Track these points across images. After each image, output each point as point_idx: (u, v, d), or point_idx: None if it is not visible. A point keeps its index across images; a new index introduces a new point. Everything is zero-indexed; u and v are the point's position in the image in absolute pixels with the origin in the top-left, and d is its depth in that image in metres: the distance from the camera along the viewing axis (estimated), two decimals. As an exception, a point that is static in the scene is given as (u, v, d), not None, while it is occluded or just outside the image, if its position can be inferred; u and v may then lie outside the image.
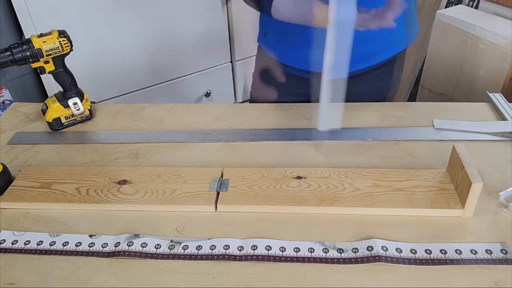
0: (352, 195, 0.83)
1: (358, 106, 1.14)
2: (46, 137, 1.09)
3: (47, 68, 1.05)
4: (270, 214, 0.82)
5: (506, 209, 0.81)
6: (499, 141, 0.99)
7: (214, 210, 0.84)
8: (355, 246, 0.74)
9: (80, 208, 0.85)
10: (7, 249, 0.77)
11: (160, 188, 0.87)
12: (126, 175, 0.91)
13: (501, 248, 0.72)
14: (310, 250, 0.74)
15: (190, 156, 1.00)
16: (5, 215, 0.85)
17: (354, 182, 0.86)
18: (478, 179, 0.75)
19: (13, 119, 1.17)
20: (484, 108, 1.12)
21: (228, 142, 1.03)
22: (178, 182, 0.89)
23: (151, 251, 0.75)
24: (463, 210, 0.78)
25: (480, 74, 1.66)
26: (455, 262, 0.70)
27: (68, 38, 1.04)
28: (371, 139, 1.02)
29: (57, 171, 0.94)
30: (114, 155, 1.02)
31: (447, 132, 1.03)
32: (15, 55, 0.99)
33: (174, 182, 0.89)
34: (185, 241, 0.77)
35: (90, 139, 1.07)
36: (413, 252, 0.72)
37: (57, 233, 0.80)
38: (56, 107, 1.08)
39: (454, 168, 0.83)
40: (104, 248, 0.76)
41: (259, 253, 0.74)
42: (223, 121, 1.12)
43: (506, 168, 0.91)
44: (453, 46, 1.72)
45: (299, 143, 1.02)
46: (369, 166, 0.92)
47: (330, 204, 0.82)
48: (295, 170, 0.90)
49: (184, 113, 1.16)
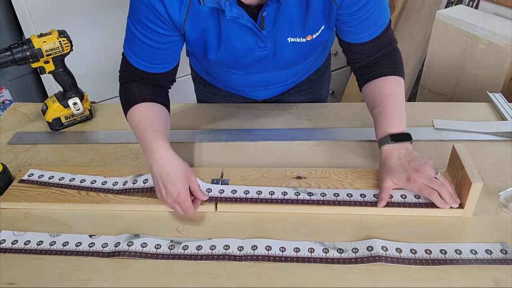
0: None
1: (358, 106, 1.14)
2: (46, 137, 1.09)
3: (47, 68, 1.05)
4: (270, 214, 0.82)
5: (506, 209, 0.81)
6: (499, 141, 0.99)
7: (214, 210, 0.84)
8: (355, 246, 0.74)
9: (80, 208, 0.85)
10: (7, 249, 0.77)
11: (160, 188, 0.87)
12: (126, 175, 0.91)
13: (501, 248, 0.72)
14: (310, 250, 0.74)
15: (190, 156, 1.00)
16: (5, 215, 0.85)
17: (354, 182, 0.86)
18: (478, 179, 0.75)
19: (13, 119, 1.17)
20: (484, 108, 1.12)
21: (228, 142, 1.03)
22: (178, 182, 0.88)
23: (151, 251, 0.75)
24: (463, 210, 0.78)
25: (480, 74, 1.66)
26: (455, 262, 0.70)
27: (68, 38, 1.04)
28: (371, 139, 1.02)
29: (57, 171, 0.94)
30: (114, 155, 1.02)
31: (447, 132, 1.03)
32: (15, 55, 0.99)
33: (174, 182, 0.89)
34: (185, 241, 0.77)
35: (90, 139, 1.07)
36: (413, 252, 0.72)
37: (57, 233, 0.80)
38: (56, 107, 1.08)
39: (454, 168, 0.83)
40: (104, 248, 0.76)
41: (259, 253, 0.74)
42: (223, 121, 1.11)
43: (506, 168, 0.91)
44: (453, 46, 1.72)
45: (299, 143, 1.02)
46: (369, 166, 0.92)
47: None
48: (295, 170, 0.90)
49: (184, 113, 1.16)
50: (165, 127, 0.88)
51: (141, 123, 0.86)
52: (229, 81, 1.06)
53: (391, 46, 0.92)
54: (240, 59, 0.90)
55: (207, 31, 0.84)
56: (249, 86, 1.07)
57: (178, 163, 0.81)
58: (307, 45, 0.89)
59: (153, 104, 0.89)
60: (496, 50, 1.58)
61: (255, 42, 0.86)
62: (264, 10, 0.79)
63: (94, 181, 0.89)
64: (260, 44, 0.86)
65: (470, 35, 1.65)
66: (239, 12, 0.78)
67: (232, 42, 0.86)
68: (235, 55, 0.89)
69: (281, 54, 0.90)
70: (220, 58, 0.90)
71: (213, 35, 0.85)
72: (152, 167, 0.81)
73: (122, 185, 0.88)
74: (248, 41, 0.86)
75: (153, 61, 0.88)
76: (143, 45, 0.85)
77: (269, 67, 0.95)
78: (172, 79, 0.96)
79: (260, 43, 0.86)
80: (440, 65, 1.82)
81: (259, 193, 0.84)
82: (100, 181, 0.89)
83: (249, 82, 1.03)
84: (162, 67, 0.90)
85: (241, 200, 0.82)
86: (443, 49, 1.77)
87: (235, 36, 0.84)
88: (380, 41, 0.89)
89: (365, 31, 0.87)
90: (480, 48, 1.63)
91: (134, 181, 0.87)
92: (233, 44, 0.86)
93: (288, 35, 0.86)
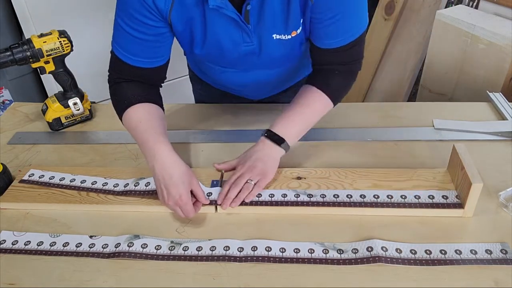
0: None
1: (358, 106, 1.14)
2: (46, 137, 1.09)
3: (47, 68, 1.05)
4: (270, 215, 0.82)
5: (506, 209, 0.81)
6: (499, 141, 0.99)
7: (215, 211, 0.84)
8: (355, 246, 0.74)
9: (80, 209, 0.85)
10: (8, 250, 0.77)
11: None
12: (127, 175, 0.91)
13: (501, 248, 0.72)
14: (310, 251, 0.74)
15: (190, 156, 1.00)
16: (5, 215, 0.85)
17: (354, 183, 0.86)
18: (478, 179, 0.75)
19: (13, 119, 1.17)
20: (484, 108, 1.12)
21: (228, 142, 1.03)
22: (178, 182, 0.88)
23: (152, 252, 0.75)
24: (463, 210, 0.78)
25: (480, 74, 1.66)
26: (455, 262, 0.70)
27: (69, 38, 1.04)
28: (371, 139, 1.02)
29: (57, 171, 0.94)
30: (114, 155, 1.02)
31: (447, 132, 1.03)
32: (15, 55, 0.99)
33: (174, 182, 0.89)
34: (185, 242, 0.77)
35: (90, 139, 1.07)
36: (413, 252, 0.72)
37: (57, 234, 0.80)
38: (56, 107, 1.08)
39: (454, 168, 0.83)
40: (105, 248, 0.76)
41: (259, 254, 0.74)
42: (223, 121, 1.11)
43: (506, 168, 0.91)
44: (453, 46, 1.72)
45: (299, 143, 1.02)
46: (369, 166, 0.92)
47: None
48: (295, 171, 0.90)
49: (184, 113, 1.16)
50: (164, 128, 0.88)
51: (140, 125, 0.86)
52: (222, 80, 1.06)
53: (353, 67, 0.91)
54: (225, 54, 0.90)
55: (192, 22, 0.84)
56: (241, 86, 1.07)
57: (180, 166, 0.82)
58: (292, 42, 0.89)
59: (149, 105, 0.89)
60: (496, 50, 1.58)
61: (241, 36, 0.86)
62: (248, 3, 0.80)
63: (95, 182, 0.89)
64: (246, 39, 0.87)
65: (470, 35, 1.65)
66: (223, 1, 0.79)
67: (217, 35, 0.86)
68: (221, 49, 0.89)
69: (267, 51, 0.90)
70: (206, 53, 0.90)
71: (198, 26, 0.85)
72: (154, 168, 0.81)
73: (123, 187, 0.88)
74: (234, 35, 0.86)
75: (143, 54, 0.88)
76: (132, 39, 0.85)
77: (256, 65, 0.95)
78: (163, 76, 0.95)
79: (246, 38, 0.86)
80: (440, 65, 1.82)
81: (259, 196, 0.84)
82: (100, 182, 0.89)
83: (240, 82, 1.03)
84: (152, 61, 0.90)
85: (241, 203, 0.82)
86: (443, 49, 1.77)
87: (221, 29, 0.85)
88: (344, 54, 0.88)
89: (333, 37, 0.86)
90: (480, 48, 1.63)
91: (136, 184, 0.87)
92: (219, 37, 0.87)
93: (273, 31, 0.86)
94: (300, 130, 0.90)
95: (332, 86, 0.91)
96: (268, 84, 1.05)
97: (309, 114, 0.90)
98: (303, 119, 0.90)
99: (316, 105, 0.91)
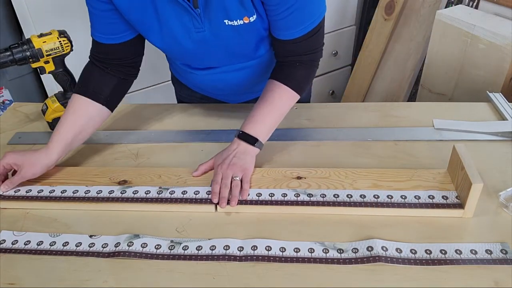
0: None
1: (358, 106, 1.15)
2: (46, 137, 1.08)
3: (47, 68, 1.05)
4: (270, 215, 0.82)
5: (506, 209, 0.81)
6: (499, 141, 0.99)
7: (215, 211, 0.84)
8: (355, 246, 0.74)
9: (80, 208, 0.85)
10: (7, 249, 0.77)
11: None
12: (127, 175, 0.91)
13: (501, 248, 0.72)
14: (310, 250, 0.74)
15: (190, 156, 1.00)
16: (5, 215, 0.85)
17: (354, 183, 0.86)
18: (478, 179, 0.75)
19: (13, 119, 1.17)
20: (484, 108, 1.12)
21: (228, 142, 1.03)
22: (178, 182, 0.89)
23: (151, 251, 0.75)
24: (463, 210, 0.78)
25: (480, 74, 1.66)
26: (455, 262, 0.70)
27: (68, 38, 1.04)
28: (371, 139, 1.02)
29: (58, 171, 0.94)
30: (114, 155, 1.02)
31: (447, 132, 1.03)
32: (15, 55, 0.99)
33: (174, 182, 0.89)
34: (185, 242, 0.77)
35: (90, 139, 1.07)
36: (413, 252, 0.72)
37: (57, 233, 0.80)
38: (56, 107, 1.08)
39: (454, 168, 0.83)
40: (104, 248, 0.76)
41: (259, 253, 0.74)
42: (223, 121, 1.11)
43: (506, 168, 0.91)
44: (453, 46, 1.72)
45: (299, 143, 1.02)
46: (369, 166, 0.92)
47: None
48: (295, 170, 0.90)
49: (184, 113, 1.16)
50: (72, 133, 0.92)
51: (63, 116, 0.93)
52: (196, 82, 1.08)
53: (315, 55, 0.92)
54: (181, 42, 0.91)
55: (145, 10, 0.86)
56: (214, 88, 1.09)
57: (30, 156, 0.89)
58: (246, 29, 0.89)
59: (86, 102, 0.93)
60: (496, 50, 1.58)
61: (191, 22, 0.87)
62: None
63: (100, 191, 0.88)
64: (197, 24, 0.87)
65: (470, 35, 1.65)
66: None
67: (169, 23, 0.88)
68: (175, 37, 0.90)
69: (220, 37, 0.90)
70: (166, 46, 0.93)
71: (152, 15, 0.87)
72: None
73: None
74: (185, 21, 0.87)
75: (105, 30, 0.92)
76: (93, 16, 0.92)
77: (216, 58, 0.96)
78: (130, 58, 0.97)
79: (196, 23, 0.87)
80: (440, 65, 1.82)
81: (259, 195, 0.84)
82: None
83: (211, 83, 1.05)
84: (115, 37, 0.93)
85: (241, 202, 0.83)
86: (443, 49, 1.77)
87: (172, 15, 0.87)
88: (306, 43, 0.89)
89: (292, 27, 0.86)
90: (480, 48, 1.63)
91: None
92: (171, 25, 0.88)
93: (224, 17, 0.86)
94: (271, 127, 0.93)
95: (296, 78, 0.93)
96: (239, 86, 1.06)
97: (277, 111, 0.93)
98: (273, 116, 0.92)
99: (283, 99, 0.93)
